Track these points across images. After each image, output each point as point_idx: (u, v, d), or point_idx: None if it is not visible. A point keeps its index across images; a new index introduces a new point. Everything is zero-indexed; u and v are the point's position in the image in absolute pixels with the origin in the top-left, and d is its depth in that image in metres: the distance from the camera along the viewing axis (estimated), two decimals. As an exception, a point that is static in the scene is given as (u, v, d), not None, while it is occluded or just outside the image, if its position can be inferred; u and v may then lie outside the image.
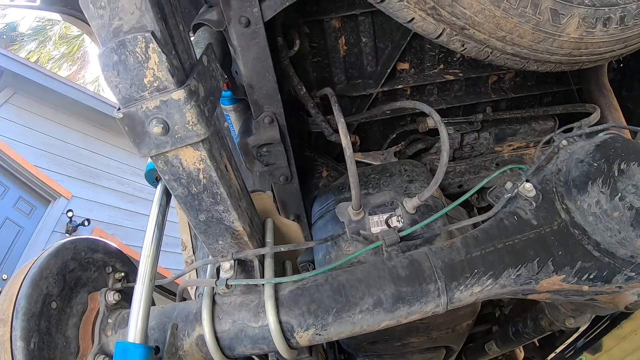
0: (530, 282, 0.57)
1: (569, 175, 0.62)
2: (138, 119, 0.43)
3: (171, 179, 0.48)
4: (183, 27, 0.49)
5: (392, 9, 0.55)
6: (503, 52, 0.57)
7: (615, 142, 0.63)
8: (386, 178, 0.88)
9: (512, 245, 0.57)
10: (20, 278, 0.58)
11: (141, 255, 0.54)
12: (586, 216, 0.58)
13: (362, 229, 0.58)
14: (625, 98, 0.95)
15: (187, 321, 0.57)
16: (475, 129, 0.94)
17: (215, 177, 0.48)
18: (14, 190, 4.10)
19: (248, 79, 0.75)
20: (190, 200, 0.50)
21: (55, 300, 0.59)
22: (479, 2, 0.51)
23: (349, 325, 0.53)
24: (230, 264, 0.54)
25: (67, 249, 0.63)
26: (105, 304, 0.62)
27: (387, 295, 0.53)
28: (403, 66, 0.90)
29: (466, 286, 0.55)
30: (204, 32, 0.76)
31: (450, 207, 0.58)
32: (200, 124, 0.44)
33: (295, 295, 0.54)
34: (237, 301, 0.55)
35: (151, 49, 0.41)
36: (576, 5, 0.54)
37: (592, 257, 0.58)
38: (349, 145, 0.53)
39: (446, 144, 0.59)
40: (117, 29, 0.42)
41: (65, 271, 0.62)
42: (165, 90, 0.42)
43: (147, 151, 0.45)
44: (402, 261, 0.55)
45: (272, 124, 0.80)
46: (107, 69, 0.41)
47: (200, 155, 0.46)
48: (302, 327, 0.53)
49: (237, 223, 0.52)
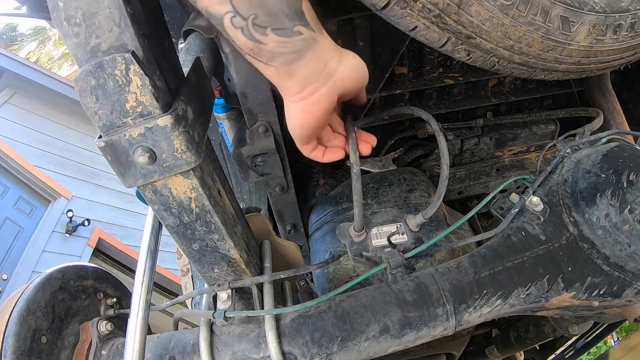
0: (540, 301, 0.56)
1: (576, 187, 0.60)
2: (121, 148, 0.39)
3: (161, 209, 0.44)
4: (169, 42, 0.45)
5: (394, 17, 0.51)
6: (510, 62, 0.54)
7: (623, 152, 0.61)
8: (385, 187, 0.86)
9: (521, 264, 0.55)
10: (7, 314, 0.54)
11: (134, 284, 0.51)
12: (595, 229, 0.56)
13: (364, 250, 0.56)
14: (626, 100, 0.93)
15: (185, 353, 0.54)
16: (475, 134, 0.91)
17: (209, 206, 0.44)
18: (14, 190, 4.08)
19: (241, 87, 0.71)
20: (182, 230, 0.46)
21: (45, 334, 0.56)
22: (486, 10, 0.48)
23: (355, 353, 0.51)
24: (228, 293, 0.50)
25: (54, 279, 0.60)
26: (98, 334, 0.59)
27: (394, 321, 0.51)
28: (401, 70, 0.86)
29: (475, 308, 0.53)
30: (195, 39, 0.71)
31: (457, 225, 0.55)
32: (190, 151, 0.40)
33: (298, 324, 0.51)
34: (237, 331, 0.52)
35: (132, 71, 0.37)
36: (587, 12, 0.51)
37: (601, 271, 0.56)
38: (357, 162, 0.50)
39: (446, 157, 0.56)
40: (94, 48, 0.37)
41: (54, 302, 0.59)
42: (150, 116, 0.38)
43: (133, 181, 0.41)
44: (408, 284, 0.53)
45: (266, 133, 0.76)
46: (85, 94, 0.37)
47: (192, 183, 0.43)
48: (306, 357, 0.50)
49: (233, 251, 0.49)
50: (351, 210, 0.83)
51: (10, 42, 7.73)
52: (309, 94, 0.38)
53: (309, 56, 0.35)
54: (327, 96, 0.38)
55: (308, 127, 0.41)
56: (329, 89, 0.38)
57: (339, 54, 0.38)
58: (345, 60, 0.38)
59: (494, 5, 0.48)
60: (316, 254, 0.85)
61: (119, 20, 0.36)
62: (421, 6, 0.47)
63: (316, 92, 0.38)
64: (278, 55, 0.34)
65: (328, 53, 0.36)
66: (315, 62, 0.35)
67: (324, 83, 0.37)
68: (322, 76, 0.37)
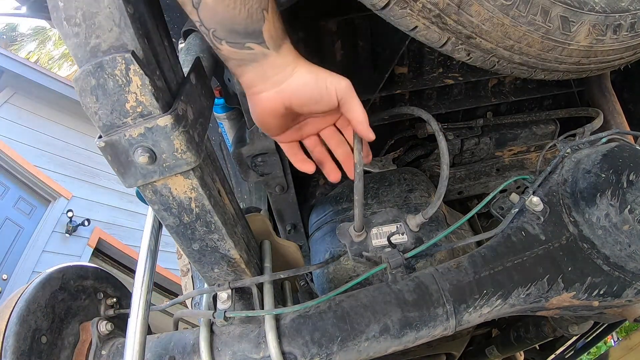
0: (540, 301, 0.56)
1: (575, 187, 0.60)
2: (121, 148, 0.39)
3: (161, 209, 0.44)
4: (169, 42, 0.45)
5: (394, 17, 0.51)
6: (510, 62, 0.54)
7: (623, 152, 0.61)
8: (385, 187, 0.86)
9: (521, 263, 0.55)
10: (7, 314, 0.54)
11: (134, 284, 0.51)
12: (595, 229, 0.56)
13: (364, 250, 0.56)
14: (626, 100, 0.93)
15: (185, 353, 0.54)
16: (475, 135, 0.91)
17: (209, 206, 0.44)
18: (14, 190, 4.08)
19: (241, 87, 0.71)
20: (182, 229, 0.46)
21: (45, 334, 0.56)
22: (486, 10, 0.48)
23: (355, 353, 0.51)
24: (228, 293, 0.50)
25: (54, 279, 0.60)
26: (98, 334, 0.59)
27: (394, 321, 0.51)
28: (401, 70, 0.86)
29: (475, 308, 0.53)
30: (195, 39, 0.71)
31: (457, 225, 0.55)
32: (190, 151, 0.40)
33: (298, 324, 0.51)
34: (237, 331, 0.52)
35: (132, 71, 0.37)
36: (587, 12, 0.51)
37: (601, 271, 0.56)
38: (360, 162, 0.50)
39: (446, 157, 0.56)
40: (94, 48, 0.37)
41: (54, 302, 0.59)
42: (150, 116, 0.38)
43: (133, 181, 0.41)
44: (408, 284, 0.53)
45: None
46: (85, 94, 0.37)
47: (192, 183, 0.43)
48: (306, 357, 0.50)
49: (233, 251, 0.49)
50: (351, 210, 0.83)
51: (10, 42, 7.75)
52: (255, 93, 0.46)
53: (255, 65, 0.43)
54: (272, 100, 0.46)
55: (258, 119, 0.49)
56: (273, 95, 0.45)
57: (292, 69, 0.44)
58: (297, 75, 0.45)
59: (494, 5, 0.48)
60: (316, 254, 0.85)
61: (119, 20, 0.36)
62: (421, 6, 0.47)
63: (261, 92, 0.46)
64: (229, 59, 0.44)
65: (275, 67, 0.44)
66: (260, 71, 0.43)
67: (270, 89, 0.45)
68: (268, 83, 0.45)
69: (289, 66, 0.44)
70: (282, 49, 0.43)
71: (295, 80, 0.44)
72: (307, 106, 0.47)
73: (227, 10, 0.38)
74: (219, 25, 0.39)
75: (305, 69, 0.45)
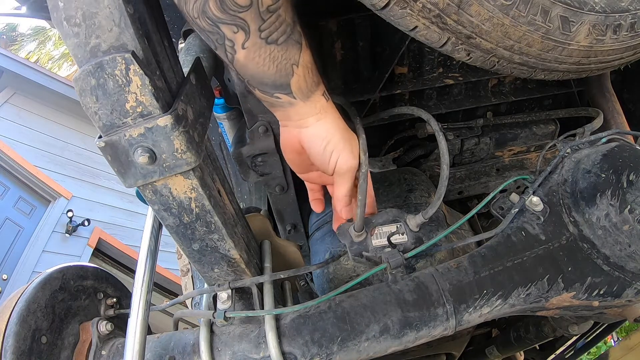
0: (540, 300, 0.56)
1: (575, 187, 0.60)
2: (121, 148, 0.39)
3: (161, 209, 0.44)
4: (169, 42, 0.45)
5: (394, 17, 0.51)
6: (510, 62, 0.54)
7: (623, 152, 0.61)
8: (385, 187, 0.86)
9: (521, 263, 0.55)
10: (7, 314, 0.54)
11: (134, 284, 0.51)
12: (595, 229, 0.56)
13: (364, 250, 0.56)
14: (626, 100, 0.93)
15: (185, 353, 0.54)
16: (475, 134, 0.91)
17: (209, 206, 0.44)
18: (14, 190, 4.08)
19: (241, 87, 0.71)
20: (182, 230, 0.46)
21: (45, 334, 0.56)
22: (486, 10, 0.48)
23: (355, 353, 0.51)
24: (228, 293, 0.50)
25: (55, 279, 0.60)
26: (98, 334, 0.59)
27: (394, 321, 0.51)
28: (401, 70, 0.86)
29: (475, 308, 0.53)
30: (195, 39, 0.71)
31: (457, 225, 0.55)
32: (190, 152, 0.40)
33: (298, 324, 0.51)
34: (237, 331, 0.52)
35: (132, 71, 0.37)
36: (587, 12, 0.51)
37: (602, 271, 0.56)
38: (366, 162, 0.51)
39: (446, 157, 0.56)
40: (94, 48, 0.37)
41: (54, 302, 0.59)
42: (150, 116, 0.38)
43: (133, 181, 0.41)
44: (408, 284, 0.53)
45: (266, 133, 0.76)
46: (85, 95, 0.37)
47: (192, 183, 0.43)
48: (306, 357, 0.50)
49: (234, 251, 0.49)
50: (351, 210, 0.83)
51: (10, 42, 7.75)
52: (283, 126, 0.53)
53: (281, 110, 0.49)
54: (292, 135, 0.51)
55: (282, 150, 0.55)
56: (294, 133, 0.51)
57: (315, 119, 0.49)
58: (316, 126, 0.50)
59: (494, 5, 0.48)
60: (316, 254, 0.85)
61: (119, 20, 0.36)
62: (421, 6, 0.47)
63: (287, 126, 0.52)
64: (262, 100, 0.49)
65: (299, 114, 0.49)
66: (286, 114, 0.49)
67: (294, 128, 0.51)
68: (292, 122, 0.50)
69: (312, 116, 0.49)
70: (310, 99, 0.48)
71: (311, 130, 0.49)
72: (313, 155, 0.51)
73: (257, 67, 0.43)
74: (251, 78, 0.45)
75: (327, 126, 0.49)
